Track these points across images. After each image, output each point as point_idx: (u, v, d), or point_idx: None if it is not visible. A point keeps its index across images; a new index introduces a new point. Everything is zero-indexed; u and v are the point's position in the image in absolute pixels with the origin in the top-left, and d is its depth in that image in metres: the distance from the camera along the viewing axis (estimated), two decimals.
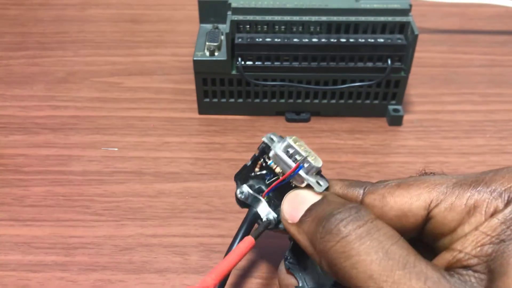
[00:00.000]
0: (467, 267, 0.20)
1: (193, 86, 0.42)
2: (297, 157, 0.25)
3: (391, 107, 0.43)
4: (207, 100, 0.43)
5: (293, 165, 0.25)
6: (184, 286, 0.31)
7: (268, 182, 0.27)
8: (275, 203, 0.27)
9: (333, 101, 0.43)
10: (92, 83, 0.47)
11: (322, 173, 0.25)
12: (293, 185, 0.25)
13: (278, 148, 0.26)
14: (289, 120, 0.43)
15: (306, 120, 0.43)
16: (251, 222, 0.27)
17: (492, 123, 0.43)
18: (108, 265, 0.32)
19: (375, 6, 0.39)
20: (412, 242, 0.21)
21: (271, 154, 0.26)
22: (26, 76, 0.48)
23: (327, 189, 0.25)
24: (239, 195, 0.28)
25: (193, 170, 0.39)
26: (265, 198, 0.27)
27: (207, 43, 0.41)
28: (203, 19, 0.44)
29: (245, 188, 0.28)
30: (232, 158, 0.40)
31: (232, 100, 0.43)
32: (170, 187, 0.37)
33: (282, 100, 0.43)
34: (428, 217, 0.22)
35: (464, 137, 0.42)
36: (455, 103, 0.45)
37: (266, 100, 0.43)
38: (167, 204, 0.36)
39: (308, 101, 0.43)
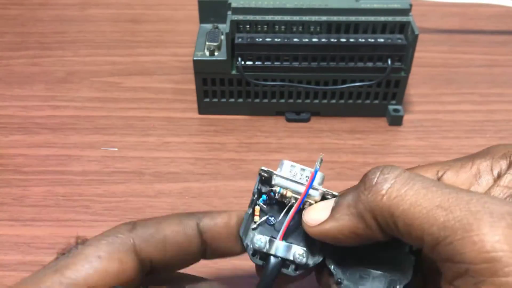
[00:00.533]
0: None
1: (193, 86, 0.42)
2: (302, 173, 0.24)
3: (391, 107, 0.43)
4: (207, 100, 0.43)
5: (304, 181, 0.24)
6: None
7: (278, 219, 0.24)
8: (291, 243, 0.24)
9: (333, 101, 0.43)
10: (92, 83, 0.47)
11: (322, 172, 0.25)
12: (306, 207, 0.24)
13: (283, 172, 0.24)
14: (289, 120, 0.43)
15: (306, 120, 0.43)
16: (276, 273, 0.23)
17: (492, 123, 0.43)
18: None
19: (375, 6, 0.39)
20: None
21: (275, 181, 0.24)
22: (26, 76, 0.48)
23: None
24: (257, 245, 0.23)
25: (193, 170, 0.39)
26: (283, 240, 0.24)
27: (207, 43, 0.41)
28: (203, 19, 0.44)
29: (259, 235, 0.24)
30: (232, 158, 0.40)
31: (232, 100, 0.43)
32: (170, 187, 0.37)
33: (282, 100, 0.43)
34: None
35: (464, 137, 0.42)
36: (455, 103, 0.45)
37: (266, 100, 0.43)
38: (167, 204, 0.36)
39: (308, 101, 0.43)
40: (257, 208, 0.24)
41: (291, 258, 0.23)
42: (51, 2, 0.60)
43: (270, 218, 0.25)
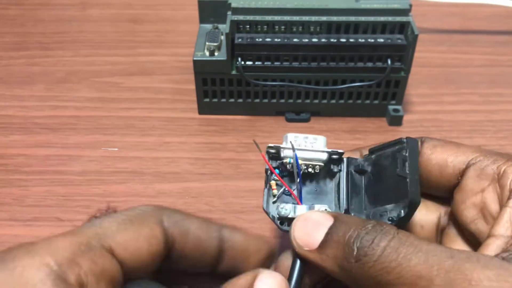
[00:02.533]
0: None
1: (193, 86, 0.42)
2: (306, 140, 0.27)
3: (391, 107, 0.43)
4: (207, 100, 0.43)
5: (309, 147, 0.26)
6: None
7: (294, 188, 0.26)
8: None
9: (333, 101, 0.43)
10: (92, 83, 0.47)
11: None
12: (318, 171, 0.26)
13: (288, 144, 0.26)
14: (289, 120, 0.43)
15: (306, 120, 0.43)
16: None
17: (492, 123, 0.43)
18: None
19: (375, 6, 0.39)
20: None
21: (284, 154, 0.26)
22: (26, 76, 0.48)
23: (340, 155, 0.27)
24: (283, 213, 0.25)
25: (193, 170, 0.39)
26: (302, 203, 0.26)
27: (207, 43, 0.41)
28: (203, 19, 0.44)
29: (282, 204, 0.26)
30: (232, 158, 0.40)
31: (232, 100, 0.43)
32: (170, 187, 0.37)
33: (282, 100, 0.43)
34: (463, 172, 0.24)
35: (464, 137, 0.42)
36: (455, 103, 0.45)
37: (266, 100, 0.43)
38: (167, 204, 0.35)
39: (308, 101, 0.43)
40: (273, 182, 0.26)
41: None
42: (52, 2, 0.60)
43: (286, 189, 0.26)
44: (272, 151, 0.26)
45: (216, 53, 0.41)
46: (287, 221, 0.25)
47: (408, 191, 0.24)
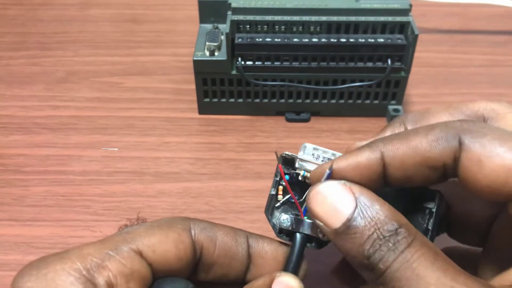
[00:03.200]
0: None
1: (193, 86, 0.42)
2: (325, 155, 0.25)
3: (391, 107, 0.43)
4: (207, 100, 0.43)
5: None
6: None
7: (302, 199, 0.25)
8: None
9: (333, 101, 0.43)
10: (92, 83, 0.47)
11: None
12: None
13: (305, 155, 0.25)
14: (289, 120, 0.43)
15: (306, 120, 0.43)
16: (302, 249, 0.25)
17: None
18: None
19: (375, 6, 0.39)
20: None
21: (298, 164, 0.25)
22: (26, 76, 0.48)
23: None
24: (283, 224, 0.25)
25: (193, 170, 0.39)
26: (305, 217, 0.25)
27: (207, 43, 0.41)
28: (203, 19, 0.44)
29: (284, 215, 0.25)
30: (232, 158, 0.40)
31: (232, 100, 0.43)
32: (170, 187, 0.37)
33: (282, 100, 0.43)
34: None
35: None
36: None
37: (266, 100, 0.43)
38: (167, 204, 0.36)
39: (308, 101, 0.43)
40: (280, 188, 0.26)
41: (315, 234, 0.25)
42: (51, 2, 0.60)
43: (291, 199, 0.26)
44: (287, 158, 0.26)
45: (216, 53, 0.41)
46: (285, 232, 0.25)
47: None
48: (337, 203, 0.21)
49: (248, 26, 0.40)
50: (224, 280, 0.24)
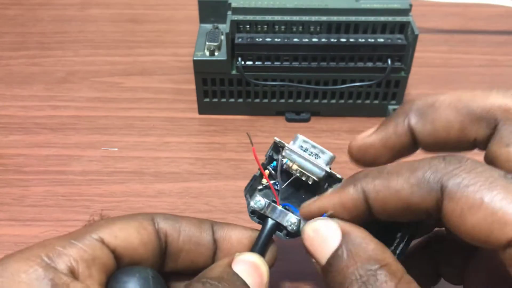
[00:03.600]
0: None
1: (193, 86, 0.42)
2: (313, 150, 0.26)
3: (391, 107, 0.43)
4: (207, 100, 0.43)
5: (312, 157, 0.25)
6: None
7: (281, 187, 0.26)
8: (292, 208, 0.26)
9: (333, 101, 0.43)
10: (92, 83, 0.47)
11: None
12: (310, 182, 0.26)
13: (293, 145, 0.26)
14: (289, 120, 0.43)
15: (306, 120, 0.43)
16: (270, 234, 0.26)
17: None
18: None
19: (375, 6, 0.39)
20: None
21: (285, 152, 0.26)
22: (26, 76, 0.48)
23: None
24: (256, 205, 0.26)
25: (193, 170, 0.39)
26: (280, 206, 0.26)
27: (207, 43, 0.41)
28: (203, 19, 0.44)
29: (259, 197, 0.26)
30: (232, 158, 0.40)
31: (232, 100, 0.43)
32: (170, 187, 0.37)
33: (282, 100, 0.43)
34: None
35: None
36: None
37: (266, 100, 0.43)
38: (167, 204, 0.36)
39: (308, 101, 0.43)
40: (267, 172, 0.27)
41: (284, 224, 0.25)
42: (51, 2, 0.60)
43: (276, 183, 0.26)
44: (277, 144, 0.27)
45: (216, 53, 0.41)
46: (257, 214, 0.26)
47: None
48: (323, 241, 0.22)
49: (248, 26, 0.40)
50: (193, 268, 0.25)
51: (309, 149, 0.26)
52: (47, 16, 0.57)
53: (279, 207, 0.26)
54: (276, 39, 0.39)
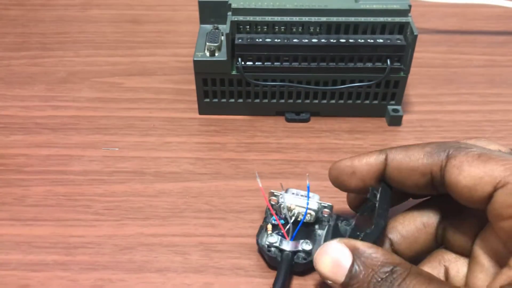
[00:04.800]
0: None
1: (193, 86, 0.42)
2: (303, 193, 0.32)
3: (390, 107, 0.43)
4: (207, 100, 0.43)
5: (305, 200, 0.32)
6: (184, 286, 0.31)
7: (287, 227, 0.31)
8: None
9: (333, 101, 0.43)
10: (93, 83, 0.48)
11: (322, 173, 0.29)
12: (308, 219, 0.32)
13: (288, 194, 0.33)
14: (289, 120, 0.43)
15: (306, 120, 0.43)
16: (290, 262, 0.30)
17: (491, 123, 0.43)
18: (108, 265, 0.32)
19: (375, 6, 0.39)
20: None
21: (283, 199, 0.32)
22: (27, 76, 0.49)
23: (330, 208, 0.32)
24: (273, 239, 0.31)
25: (193, 170, 0.39)
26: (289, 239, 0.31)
27: (207, 44, 0.41)
28: (203, 19, 0.44)
29: (271, 235, 0.31)
30: (232, 158, 0.40)
31: (232, 100, 0.43)
32: (171, 187, 0.37)
33: (282, 100, 0.43)
34: (492, 195, 0.23)
35: (463, 137, 0.41)
36: (454, 103, 0.46)
37: (266, 100, 0.43)
38: (168, 203, 0.36)
39: (308, 101, 0.43)
40: (270, 226, 0.32)
41: (299, 248, 0.31)
42: (52, 2, 0.60)
43: (280, 232, 0.32)
44: (273, 197, 0.33)
45: (216, 54, 0.41)
46: (273, 247, 0.31)
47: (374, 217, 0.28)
48: (337, 260, 0.25)
49: (248, 27, 0.40)
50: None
51: (299, 193, 0.33)
52: (48, 16, 0.58)
53: (291, 241, 0.31)
54: (276, 40, 0.39)
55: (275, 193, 0.32)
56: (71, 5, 0.60)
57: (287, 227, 0.31)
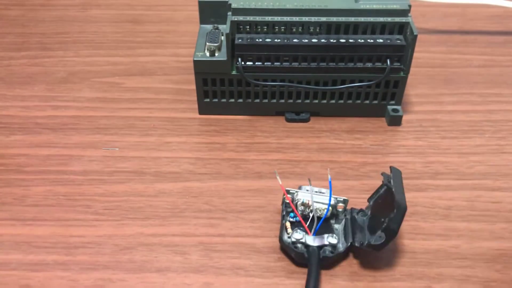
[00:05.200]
0: None
1: (193, 86, 0.42)
2: (315, 189, 0.33)
3: (390, 107, 0.43)
4: (207, 100, 0.43)
5: (321, 196, 0.33)
6: (184, 286, 0.31)
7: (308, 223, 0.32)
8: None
9: (333, 101, 0.43)
10: (93, 83, 0.48)
11: (321, 173, 0.29)
12: (326, 214, 0.33)
13: (305, 191, 0.33)
14: (289, 120, 0.43)
15: (306, 120, 0.43)
16: (319, 256, 0.31)
17: (491, 123, 0.43)
18: (109, 264, 0.32)
19: (375, 6, 0.39)
20: None
21: (299, 195, 0.33)
22: (27, 76, 0.49)
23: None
24: (298, 236, 0.32)
25: (194, 170, 0.39)
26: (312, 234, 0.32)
27: (207, 44, 0.41)
28: (203, 19, 0.44)
29: (295, 232, 0.32)
30: (232, 158, 0.40)
31: (232, 100, 0.43)
32: (171, 187, 0.37)
33: (282, 100, 0.43)
34: None
35: (463, 137, 0.42)
36: (454, 103, 0.46)
37: (266, 100, 0.43)
38: (168, 203, 0.36)
39: (308, 101, 0.43)
40: (288, 224, 0.33)
41: (326, 242, 0.31)
42: (53, 2, 0.60)
43: (299, 228, 0.32)
44: (289, 196, 0.33)
45: (216, 54, 0.41)
46: (299, 243, 0.32)
47: (395, 200, 0.29)
48: None
49: (248, 27, 0.40)
50: None
51: (313, 190, 0.33)
52: (48, 16, 0.58)
53: (314, 236, 0.32)
54: (276, 40, 0.39)
55: (290, 191, 0.33)
56: (71, 5, 0.60)
57: (308, 222, 0.32)
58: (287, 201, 0.33)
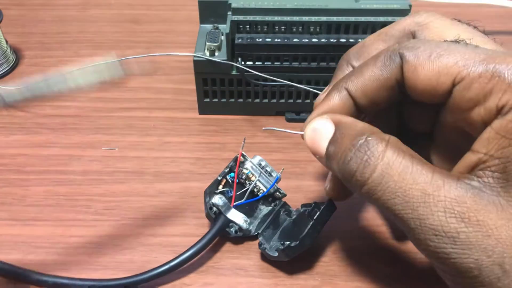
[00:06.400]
0: (488, 168, 0.22)
1: (193, 86, 0.42)
2: (267, 169, 0.33)
3: None
4: (207, 100, 0.43)
5: (266, 174, 0.33)
6: (184, 286, 0.31)
7: (236, 194, 0.33)
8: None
9: None
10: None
11: (321, 172, 0.29)
12: (259, 194, 0.33)
13: (254, 161, 0.33)
14: (289, 120, 0.43)
15: None
16: (222, 229, 0.32)
17: None
18: (109, 265, 0.32)
19: (375, 6, 0.39)
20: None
21: (248, 165, 0.33)
22: (27, 76, 0.48)
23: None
24: (218, 202, 0.32)
25: (193, 169, 0.39)
26: (233, 206, 0.33)
27: (207, 43, 0.41)
28: (203, 19, 0.44)
29: (219, 196, 0.32)
30: (232, 158, 0.40)
31: (232, 100, 0.43)
32: (171, 187, 0.37)
33: (282, 100, 0.43)
34: (451, 91, 0.23)
35: None
36: None
37: (266, 100, 0.43)
38: (168, 203, 0.36)
39: (308, 101, 0.43)
40: (224, 180, 0.33)
41: (237, 221, 0.32)
42: (52, 2, 0.60)
43: (230, 191, 0.33)
44: (242, 158, 0.33)
45: (216, 53, 0.41)
46: (214, 211, 0.32)
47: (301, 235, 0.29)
48: (321, 134, 0.26)
49: (248, 27, 0.40)
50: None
51: (264, 167, 0.33)
52: (48, 16, 0.58)
53: (233, 209, 0.32)
54: (276, 40, 0.39)
55: (246, 157, 0.33)
56: (71, 5, 0.60)
57: (241, 192, 0.33)
58: (237, 161, 0.33)
